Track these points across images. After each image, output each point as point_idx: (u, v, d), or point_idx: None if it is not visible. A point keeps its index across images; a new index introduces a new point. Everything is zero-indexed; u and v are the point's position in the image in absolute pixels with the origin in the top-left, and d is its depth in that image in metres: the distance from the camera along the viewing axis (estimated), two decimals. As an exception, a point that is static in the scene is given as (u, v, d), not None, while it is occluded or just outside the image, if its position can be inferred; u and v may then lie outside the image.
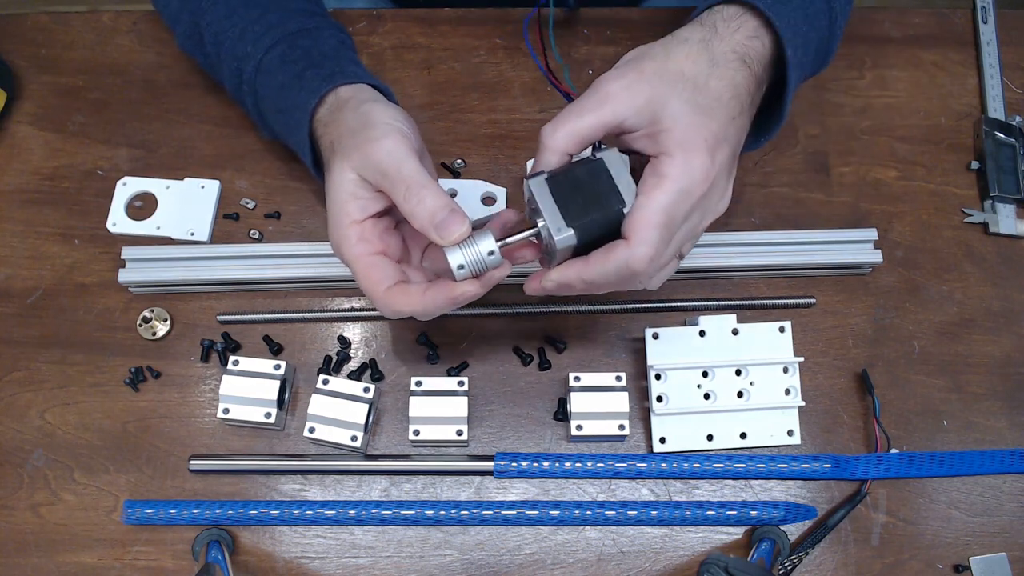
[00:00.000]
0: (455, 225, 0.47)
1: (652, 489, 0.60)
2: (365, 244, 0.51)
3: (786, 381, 0.60)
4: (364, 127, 0.51)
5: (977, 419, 0.62)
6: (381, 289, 0.50)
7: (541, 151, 0.48)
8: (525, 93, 0.71)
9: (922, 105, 0.72)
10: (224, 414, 0.58)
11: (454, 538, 0.59)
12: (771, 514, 0.58)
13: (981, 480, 0.61)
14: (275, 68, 0.58)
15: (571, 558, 0.58)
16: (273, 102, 0.58)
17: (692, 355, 0.60)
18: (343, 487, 0.60)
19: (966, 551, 0.59)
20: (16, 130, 0.69)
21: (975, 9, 0.75)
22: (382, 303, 0.51)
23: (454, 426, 0.58)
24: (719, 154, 0.47)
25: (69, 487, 0.59)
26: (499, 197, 0.66)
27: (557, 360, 0.63)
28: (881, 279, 0.66)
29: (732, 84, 0.48)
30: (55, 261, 0.65)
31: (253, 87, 0.59)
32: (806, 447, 0.61)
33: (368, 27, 0.73)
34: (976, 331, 0.65)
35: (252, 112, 0.61)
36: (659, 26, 0.73)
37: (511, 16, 0.74)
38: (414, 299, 0.50)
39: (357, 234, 0.51)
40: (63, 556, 0.58)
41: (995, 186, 0.67)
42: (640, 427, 0.61)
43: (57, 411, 0.61)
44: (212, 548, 0.56)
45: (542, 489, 0.60)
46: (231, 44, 0.60)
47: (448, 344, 0.63)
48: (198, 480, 0.60)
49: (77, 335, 0.63)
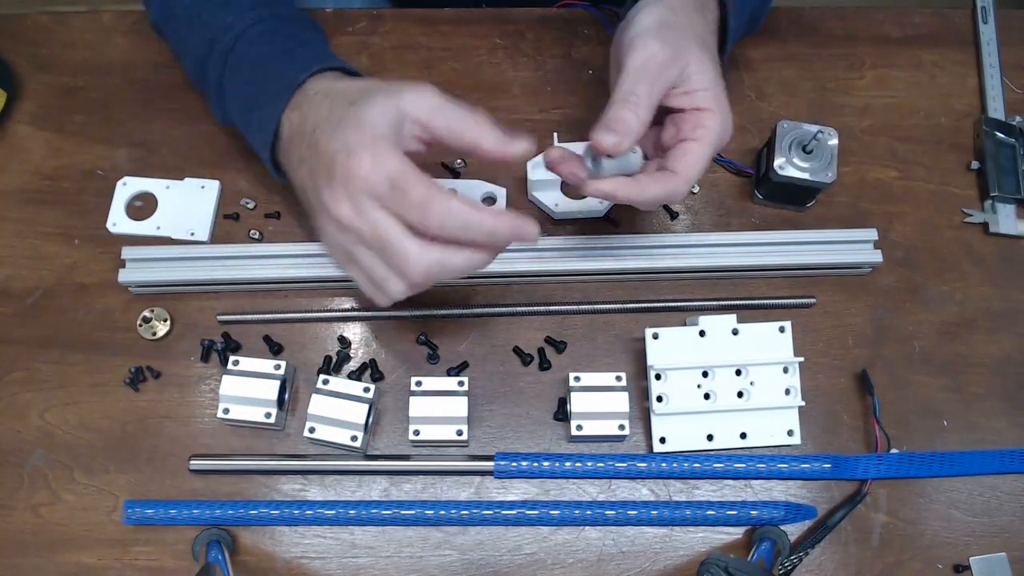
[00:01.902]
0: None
1: (652, 489, 0.60)
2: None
3: (786, 381, 0.60)
4: (389, 84, 0.50)
5: (977, 419, 0.62)
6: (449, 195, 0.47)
7: (623, 136, 0.52)
8: (525, 93, 0.71)
9: (922, 105, 0.72)
10: (224, 414, 0.58)
11: (454, 538, 0.59)
12: (771, 514, 0.58)
13: (981, 480, 0.61)
14: (260, 40, 0.57)
15: (571, 558, 0.58)
16: (248, 74, 0.57)
17: (692, 355, 0.60)
18: (343, 487, 0.60)
19: (966, 551, 0.59)
20: (16, 130, 0.69)
21: (975, 9, 0.75)
22: (454, 214, 0.46)
23: (454, 426, 0.58)
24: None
25: (69, 487, 0.59)
26: (499, 197, 0.66)
27: (557, 360, 0.63)
28: (881, 279, 0.66)
29: (714, 32, 0.59)
30: (55, 261, 0.65)
31: (226, 58, 0.58)
32: (806, 447, 0.61)
33: (368, 27, 0.73)
34: (976, 331, 0.65)
35: (213, 86, 0.60)
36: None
37: (511, 16, 0.74)
38: (487, 217, 0.47)
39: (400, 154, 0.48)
40: (63, 556, 0.58)
41: (995, 186, 0.67)
42: (640, 427, 0.61)
43: (57, 411, 0.61)
44: (212, 548, 0.56)
45: (542, 489, 0.60)
46: (210, 13, 0.59)
47: (448, 344, 0.63)
48: (198, 480, 0.60)
49: (77, 335, 0.63)
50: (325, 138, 0.49)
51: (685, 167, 0.54)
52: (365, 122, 0.48)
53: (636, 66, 0.53)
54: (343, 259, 0.53)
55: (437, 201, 0.46)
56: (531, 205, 0.67)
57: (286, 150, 0.55)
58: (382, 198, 0.47)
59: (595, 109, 0.70)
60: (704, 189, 0.68)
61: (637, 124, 0.52)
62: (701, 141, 0.54)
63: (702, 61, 0.54)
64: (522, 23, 0.74)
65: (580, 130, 0.70)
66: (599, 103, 0.70)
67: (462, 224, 0.47)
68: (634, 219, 0.67)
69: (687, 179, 0.54)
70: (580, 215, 0.66)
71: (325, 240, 0.53)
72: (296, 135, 0.53)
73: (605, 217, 0.66)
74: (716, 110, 0.54)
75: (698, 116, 0.54)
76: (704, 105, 0.54)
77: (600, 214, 0.66)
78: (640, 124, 0.52)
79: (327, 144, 0.49)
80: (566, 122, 0.70)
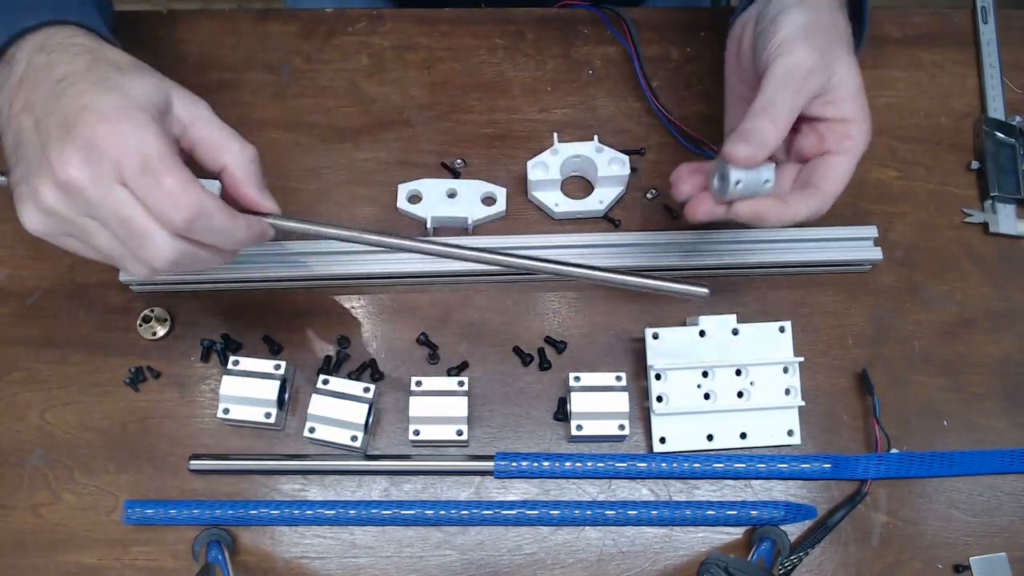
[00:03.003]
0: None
1: (652, 489, 0.60)
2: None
3: (786, 381, 0.60)
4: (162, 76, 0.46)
5: (977, 419, 0.62)
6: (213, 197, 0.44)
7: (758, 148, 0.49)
8: (525, 93, 0.71)
9: (922, 105, 0.72)
10: (224, 414, 0.58)
11: (454, 538, 0.59)
12: (771, 514, 0.58)
13: (981, 480, 0.61)
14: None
15: (571, 558, 0.58)
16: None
17: (692, 355, 0.60)
18: (343, 487, 0.60)
19: (966, 551, 0.59)
20: (16, 130, 0.69)
21: (975, 9, 0.75)
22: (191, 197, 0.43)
23: (454, 426, 0.58)
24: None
25: (69, 487, 0.59)
26: (499, 197, 0.66)
27: (557, 360, 0.63)
28: (881, 279, 0.66)
29: (851, 31, 0.54)
30: (55, 261, 0.65)
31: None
32: (806, 447, 0.61)
33: (368, 27, 0.73)
34: (976, 331, 0.65)
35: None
36: (659, 26, 0.73)
37: (511, 16, 0.74)
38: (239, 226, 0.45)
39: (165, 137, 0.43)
40: (63, 556, 0.58)
41: (995, 186, 0.67)
42: (640, 427, 0.61)
43: (57, 411, 0.61)
44: (212, 548, 0.56)
45: (542, 489, 0.60)
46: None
47: (448, 344, 0.63)
48: (198, 480, 0.60)
49: (77, 335, 0.63)
50: (75, 91, 0.42)
51: (832, 183, 0.51)
52: (131, 93, 0.43)
53: (781, 73, 0.50)
54: (56, 229, 0.45)
55: (190, 197, 0.43)
56: (531, 205, 0.67)
57: (9, 89, 0.45)
58: (126, 176, 0.42)
59: (595, 109, 0.71)
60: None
61: (775, 136, 0.49)
62: (848, 155, 0.51)
63: (850, 67, 0.51)
64: (522, 23, 0.74)
65: (580, 130, 0.70)
66: (599, 103, 0.71)
67: (212, 229, 0.44)
68: (634, 219, 0.67)
69: (834, 195, 0.51)
70: (580, 215, 0.66)
71: (34, 205, 0.44)
72: (30, 76, 0.44)
73: (605, 217, 0.67)
74: (862, 121, 0.52)
75: (844, 127, 0.52)
76: (850, 116, 0.51)
77: (600, 214, 0.66)
78: (778, 136, 0.49)
79: (77, 98, 0.42)
80: (566, 122, 0.70)
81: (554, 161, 0.65)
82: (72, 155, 0.42)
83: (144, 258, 0.44)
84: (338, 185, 0.68)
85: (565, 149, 0.65)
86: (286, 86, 0.71)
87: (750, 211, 0.50)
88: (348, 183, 0.68)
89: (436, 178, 0.67)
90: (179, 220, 0.43)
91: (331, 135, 0.69)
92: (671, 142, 0.69)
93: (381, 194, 0.67)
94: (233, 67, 0.72)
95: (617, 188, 0.66)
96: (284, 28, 0.73)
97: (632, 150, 0.68)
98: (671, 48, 0.73)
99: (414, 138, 0.69)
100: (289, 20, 0.74)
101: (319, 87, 0.71)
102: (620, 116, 0.71)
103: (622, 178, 0.65)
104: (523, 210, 0.67)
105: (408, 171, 0.68)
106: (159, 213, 0.43)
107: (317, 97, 0.71)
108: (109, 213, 0.43)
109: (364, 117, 0.70)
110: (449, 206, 0.65)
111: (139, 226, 0.43)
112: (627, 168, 0.65)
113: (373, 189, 0.68)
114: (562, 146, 0.65)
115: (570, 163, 0.66)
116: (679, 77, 0.72)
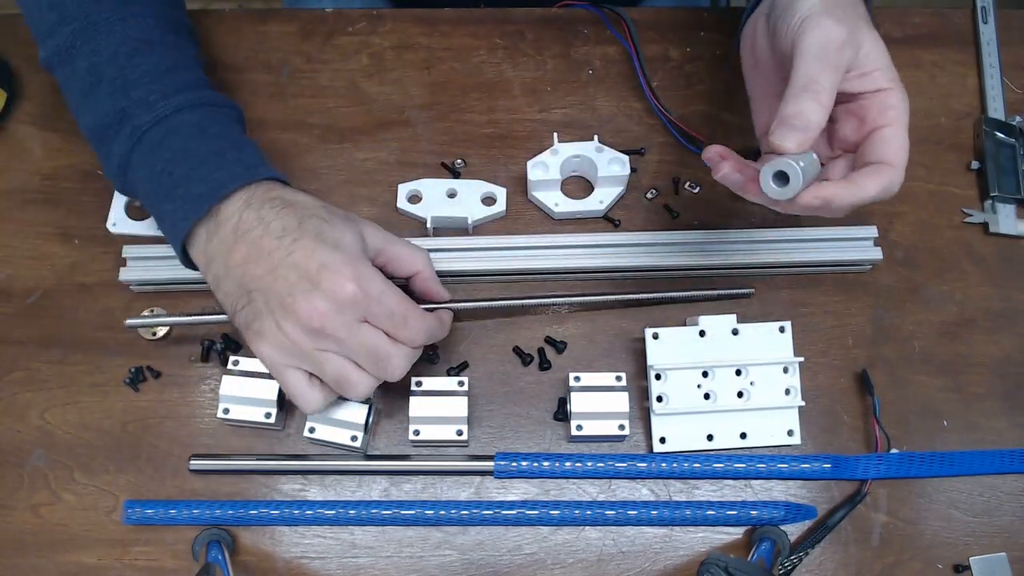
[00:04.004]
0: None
1: (652, 489, 0.60)
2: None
3: (786, 381, 0.60)
4: (344, 211, 0.55)
5: (977, 419, 0.62)
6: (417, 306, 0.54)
7: (807, 132, 0.48)
8: (525, 93, 0.71)
9: (922, 105, 0.72)
10: (224, 414, 0.58)
11: (454, 538, 0.59)
12: (771, 514, 0.58)
13: (981, 480, 0.61)
14: (186, 131, 0.54)
15: (571, 558, 0.58)
16: (167, 164, 0.53)
17: (692, 355, 0.60)
18: (343, 487, 0.60)
19: (966, 551, 0.59)
20: (16, 130, 0.69)
21: (975, 9, 0.75)
22: (420, 319, 0.53)
23: (454, 426, 0.58)
24: None
25: (69, 487, 0.59)
26: (499, 197, 0.66)
27: (557, 360, 0.63)
28: (881, 279, 0.66)
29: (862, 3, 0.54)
30: (55, 261, 0.65)
31: (140, 136, 0.53)
32: (806, 447, 0.61)
33: (368, 27, 0.73)
34: (976, 331, 0.65)
35: (115, 156, 0.55)
36: (659, 26, 0.74)
37: (511, 16, 0.74)
38: (443, 329, 0.57)
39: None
40: (63, 556, 0.58)
41: (995, 186, 0.67)
42: (640, 427, 0.61)
43: (57, 411, 0.61)
44: (212, 548, 0.56)
45: (542, 489, 0.60)
46: (122, 79, 0.54)
47: (448, 344, 0.63)
48: (198, 480, 0.60)
49: (77, 335, 0.63)
50: (304, 250, 0.50)
51: (895, 155, 0.50)
52: (346, 245, 0.51)
53: (814, 50, 0.48)
54: (288, 361, 0.51)
55: (413, 317, 0.52)
56: (531, 205, 0.67)
57: (226, 241, 0.51)
58: (367, 316, 0.51)
59: (595, 109, 0.71)
60: (704, 188, 0.68)
61: (819, 114, 0.47)
62: (896, 124, 0.50)
63: (876, 38, 0.51)
64: (522, 23, 0.74)
65: (580, 130, 0.70)
66: (599, 103, 0.71)
67: (426, 336, 0.54)
68: (634, 218, 0.67)
69: (902, 166, 0.50)
70: (580, 215, 0.66)
71: (274, 341, 0.50)
72: (247, 231, 0.51)
73: (605, 217, 0.67)
74: (897, 87, 0.51)
75: (883, 97, 0.51)
76: (886, 85, 0.51)
77: (600, 214, 0.66)
78: (823, 114, 0.47)
79: (309, 256, 0.50)
80: (566, 122, 0.70)
81: (554, 161, 0.65)
82: (320, 304, 0.49)
83: (388, 374, 0.52)
84: (338, 185, 0.68)
85: (565, 149, 0.65)
86: (286, 86, 0.71)
87: (817, 199, 0.48)
88: (348, 183, 0.68)
89: (436, 178, 0.67)
90: (420, 341, 0.53)
91: (331, 135, 0.69)
92: (671, 142, 0.69)
93: (381, 194, 0.67)
94: (233, 67, 0.72)
95: (617, 188, 0.66)
96: (284, 28, 0.73)
97: (632, 150, 0.68)
98: (671, 48, 0.73)
99: (414, 138, 0.69)
100: (289, 20, 0.74)
101: (319, 87, 0.71)
102: (620, 116, 0.71)
103: (622, 178, 0.65)
104: (523, 210, 0.67)
105: (408, 171, 0.68)
106: (405, 339, 0.52)
107: (317, 97, 0.71)
108: (358, 347, 0.50)
109: (364, 117, 0.70)
110: (449, 206, 0.65)
111: (384, 352, 0.51)
112: (627, 168, 0.65)
113: (373, 189, 0.68)
114: (562, 146, 0.65)
115: (570, 163, 0.66)
116: (679, 77, 0.72)
